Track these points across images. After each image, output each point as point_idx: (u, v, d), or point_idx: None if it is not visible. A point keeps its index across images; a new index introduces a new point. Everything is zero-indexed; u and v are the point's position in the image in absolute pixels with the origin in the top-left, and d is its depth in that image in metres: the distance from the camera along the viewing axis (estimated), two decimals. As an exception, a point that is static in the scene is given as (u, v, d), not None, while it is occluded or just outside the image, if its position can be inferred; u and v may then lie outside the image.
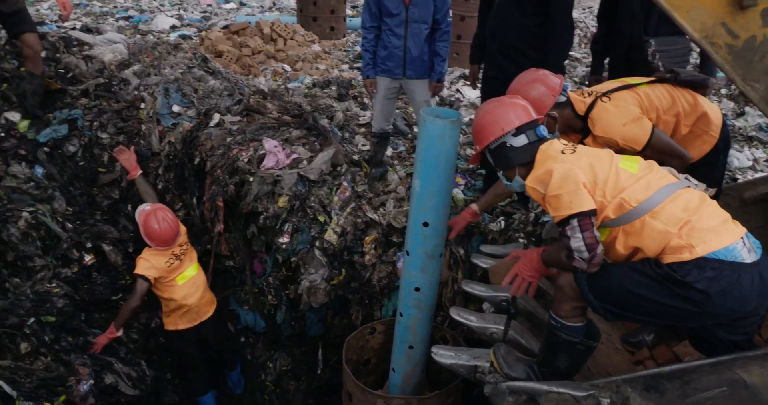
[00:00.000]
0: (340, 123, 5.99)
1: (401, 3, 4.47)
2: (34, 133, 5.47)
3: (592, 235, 2.36)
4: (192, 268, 4.97)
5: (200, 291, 4.99)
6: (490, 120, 2.68)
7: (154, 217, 4.64)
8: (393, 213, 4.66)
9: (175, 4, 17.87)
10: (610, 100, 3.07)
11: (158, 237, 4.64)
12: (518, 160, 2.64)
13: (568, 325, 2.57)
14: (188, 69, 6.45)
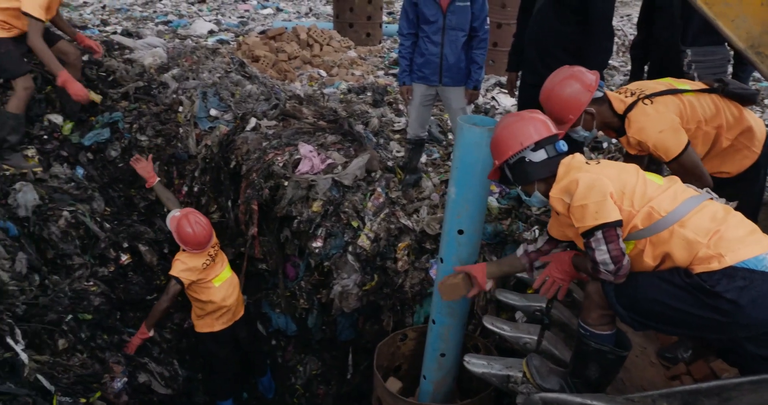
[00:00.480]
0: (375, 129, 6.01)
1: (439, 10, 4.48)
2: (78, 136, 5.59)
3: (617, 247, 2.32)
4: (227, 270, 5.01)
5: (236, 291, 5.04)
6: (509, 134, 2.65)
7: (187, 222, 4.66)
8: (426, 220, 4.65)
9: (213, 10, 18.14)
10: (652, 103, 3.00)
11: (193, 240, 4.66)
12: (537, 174, 2.60)
13: (597, 334, 2.54)
14: (226, 73, 6.54)
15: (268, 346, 5.86)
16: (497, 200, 4.92)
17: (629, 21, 15.45)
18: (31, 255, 4.48)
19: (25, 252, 4.40)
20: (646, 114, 2.95)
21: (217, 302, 4.85)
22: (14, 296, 3.87)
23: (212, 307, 4.88)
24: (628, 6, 19.67)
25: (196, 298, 4.90)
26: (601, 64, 4.05)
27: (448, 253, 3.37)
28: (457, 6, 4.46)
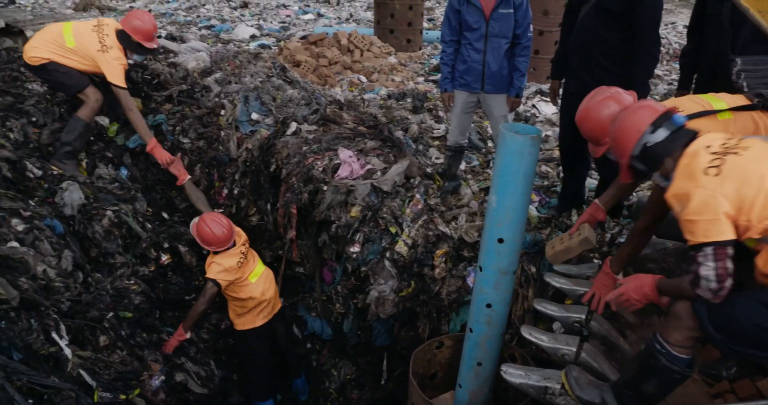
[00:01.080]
0: (415, 135, 6.01)
1: (482, 17, 4.46)
2: (123, 138, 5.71)
3: (724, 266, 2.23)
4: (260, 265, 5.11)
5: (273, 285, 5.16)
6: (621, 126, 2.57)
7: (204, 223, 4.77)
8: (465, 227, 4.63)
9: (255, 15, 18.37)
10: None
11: (214, 239, 4.76)
12: (667, 151, 2.46)
13: (674, 354, 2.48)
14: (267, 78, 6.61)
15: (303, 349, 5.90)
16: (537, 209, 4.88)
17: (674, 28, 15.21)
18: (76, 253, 4.58)
19: (70, 250, 4.49)
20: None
21: (257, 297, 4.95)
22: (59, 293, 3.96)
23: (252, 303, 4.97)
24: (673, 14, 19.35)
25: (235, 298, 4.97)
26: (647, 73, 3.99)
27: (488, 261, 3.36)
28: (501, 13, 4.44)
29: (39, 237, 4.28)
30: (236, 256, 4.85)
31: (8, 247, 3.84)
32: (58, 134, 5.30)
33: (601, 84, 4.01)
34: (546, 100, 7.91)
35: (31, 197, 4.68)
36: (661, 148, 2.47)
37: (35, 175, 4.89)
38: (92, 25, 5.21)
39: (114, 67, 5.10)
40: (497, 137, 4.83)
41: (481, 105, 4.85)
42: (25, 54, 5.13)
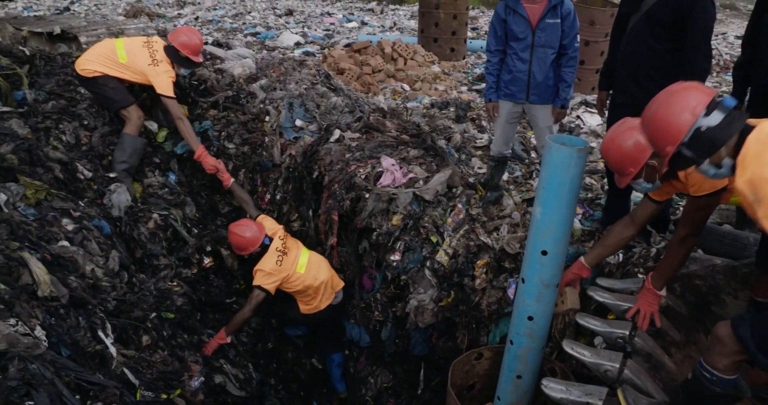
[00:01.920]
0: (457, 144, 6.00)
1: (528, 27, 4.44)
2: (171, 145, 5.84)
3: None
4: (304, 252, 5.29)
5: (324, 265, 5.34)
6: (672, 111, 2.37)
7: (233, 232, 5.15)
8: (507, 238, 4.59)
9: (300, 22, 18.60)
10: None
11: (246, 241, 5.09)
12: (724, 137, 2.27)
13: (725, 379, 2.43)
14: (312, 85, 6.67)
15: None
16: (580, 222, 4.81)
17: (724, 39, 14.91)
18: (122, 253, 4.68)
19: (117, 250, 4.59)
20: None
21: (313, 284, 5.17)
22: (106, 292, 4.04)
23: (312, 290, 5.20)
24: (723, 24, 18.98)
25: (296, 292, 5.22)
26: None
27: (531, 273, 3.33)
28: (547, 23, 4.41)
29: (87, 237, 4.38)
30: (274, 256, 5.04)
31: (59, 246, 3.94)
32: (107, 137, 5.45)
33: (649, 95, 3.93)
34: (591, 111, 7.83)
35: (81, 198, 4.80)
36: (717, 132, 2.27)
37: (85, 176, 5.02)
38: (142, 41, 5.46)
39: (163, 79, 5.32)
40: (541, 148, 4.80)
41: (525, 115, 4.81)
42: (77, 66, 5.35)
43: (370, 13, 22.74)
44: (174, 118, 5.45)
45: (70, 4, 22.63)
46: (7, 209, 3.94)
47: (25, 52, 6.33)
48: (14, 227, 3.70)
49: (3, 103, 5.43)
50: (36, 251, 3.67)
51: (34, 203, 4.26)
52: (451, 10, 11.42)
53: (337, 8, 24.19)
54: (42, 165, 4.67)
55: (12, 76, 5.78)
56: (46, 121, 5.35)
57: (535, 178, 5.52)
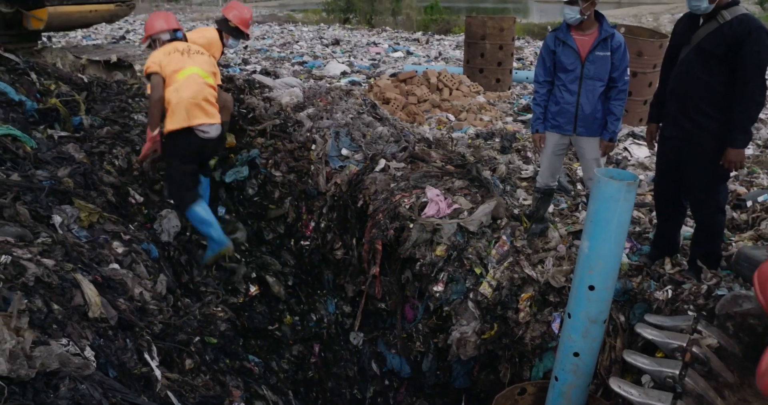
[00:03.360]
0: (503, 175, 5.97)
1: (577, 59, 4.43)
2: (220, 174, 5.96)
3: None
4: (191, 69, 5.16)
5: (202, 91, 5.11)
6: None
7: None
8: (552, 271, 4.53)
9: (346, 52, 18.91)
10: None
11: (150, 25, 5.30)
12: None
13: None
14: (358, 114, 6.75)
15: (380, 386, 5.87)
16: (628, 256, 4.72)
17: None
18: (169, 277, 4.76)
19: (164, 274, 4.68)
20: None
21: (171, 101, 5.03)
22: (153, 315, 4.11)
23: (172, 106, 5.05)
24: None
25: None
26: (750, 118, 3.83)
27: (577, 308, 3.28)
28: (597, 55, 4.40)
29: (136, 260, 4.47)
30: (169, 48, 5.18)
31: (110, 269, 4.03)
32: (158, 163, 5.59)
33: (700, 129, 3.90)
34: (638, 143, 7.73)
35: (131, 222, 4.92)
36: None
37: (137, 200, 5.15)
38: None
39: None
40: (588, 180, 4.75)
41: (572, 147, 4.78)
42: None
43: (415, 42, 22.99)
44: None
45: (126, 33, 23.48)
46: (61, 231, 4.05)
47: (83, 80, 6.59)
48: (68, 249, 3.80)
49: (61, 128, 5.64)
50: (88, 273, 3.75)
51: (87, 226, 4.37)
52: (497, 41, 11.47)
53: (383, 38, 24.54)
54: (96, 188, 4.81)
55: (71, 102, 6.01)
56: (101, 146, 5.53)
57: (581, 211, 5.45)
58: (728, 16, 3.76)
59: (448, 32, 30.18)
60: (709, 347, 3.35)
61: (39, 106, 5.69)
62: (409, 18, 38.36)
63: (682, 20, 4.15)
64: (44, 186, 4.25)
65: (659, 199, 4.45)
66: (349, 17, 40.15)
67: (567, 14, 4.36)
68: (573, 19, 4.35)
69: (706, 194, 4.03)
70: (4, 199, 3.87)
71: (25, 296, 3.05)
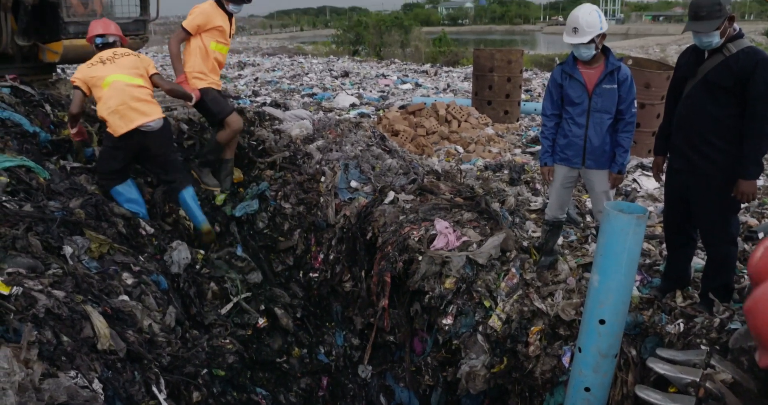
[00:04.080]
0: (511, 207, 5.98)
1: (584, 92, 4.46)
2: (230, 208, 5.99)
3: None
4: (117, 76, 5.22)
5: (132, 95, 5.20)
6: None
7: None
8: (562, 304, 4.50)
9: (356, 84, 19.11)
10: None
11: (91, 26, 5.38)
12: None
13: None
14: (367, 147, 6.80)
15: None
16: (638, 289, 4.69)
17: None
18: (177, 309, 4.76)
19: (173, 306, 4.68)
20: None
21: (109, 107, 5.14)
22: (161, 347, 4.10)
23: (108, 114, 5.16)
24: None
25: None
26: (761, 151, 3.83)
27: (587, 342, 3.25)
28: (604, 88, 4.43)
29: (145, 291, 4.48)
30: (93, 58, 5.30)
31: (119, 300, 4.04)
32: (169, 195, 5.64)
33: (709, 161, 3.90)
34: (647, 174, 7.73)
35: (141, 253, 4.94)
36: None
37: (147, 232, 5.18)
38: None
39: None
40: (598, 213, 4.74)
41: (581, 179, 4.79)
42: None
43: (424, 74, 23.23)
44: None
45: (138, 65, 23.78)
46: (72, 262, 4.08)
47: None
48: (79, 280, 3.82)
49: (74, 158, 5.71)
50: (98, 304, 3.76)
51: (97, 256, 4.40)
52: (505, 73, 11.58)
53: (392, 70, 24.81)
54: (107, 219, 4.85)
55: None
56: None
57: (591, 243, 5.44)
58: (734, 48, 3.80)
59: (456, 64, 30.51)
60: (723, 382, 3.30)
61: (52, 137, 5.77)
62: (417, 50, 38.81)
63: (687, 53, 4.18)
64: (56, 217, 4.29)
65: (669, 231, 4.44)
66: (358, 49, 40.67)
67: (583, 53, 4.37)
68: (588, 56, 4.38)
69: (718, 226, 4.02)
70: (16, 230, 3.91)
71: (35, 328, 3.06)
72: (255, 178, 6.34)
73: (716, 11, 3.71)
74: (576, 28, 4.27)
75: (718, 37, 3.78)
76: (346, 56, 35.84)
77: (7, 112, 5.59)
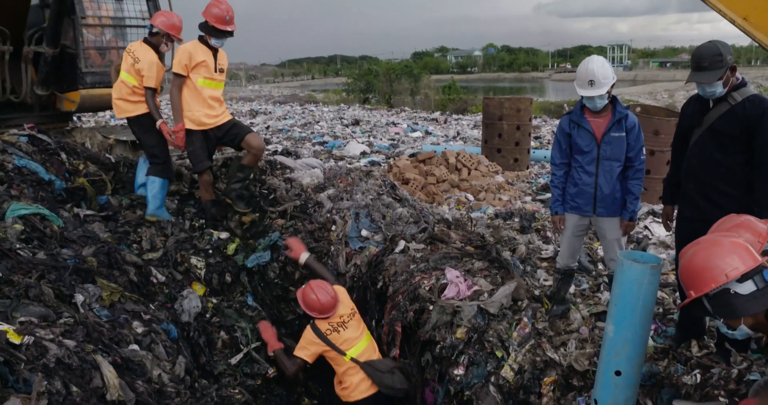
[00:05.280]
0: (522, 256, 5.96)
1: (593, 141, 4.50)
2: (242, 258, 6.00)
3: None
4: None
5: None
6: (710, 264, 2.44)
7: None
8: (575, 354, 4.44)
9: (366, 132, 19.30)
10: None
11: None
12: (746, 310, 2.37)
13: None
14: (378, 195, 6.84)
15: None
16: (653, 338, 4.63)
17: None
18: (187, 359, 4.73)
19: (183, 355, 4.65)
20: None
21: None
22: (170, 398, 4.05)
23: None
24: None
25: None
26: None
27: (604, 395, 3.20)
28: (612, 137, 4.46)
29: (155, 340, 4.46)
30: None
31: (129, 350, 4.02)
32: (182, 244, 5.68)
33: (719, 208, 3.89)
34: (659, 221, 7.70)
35: (152, 301, 4.94)
36: (743, 302, 2.37)
37: (158, 280, 5.19)
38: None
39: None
40: (610, 261, 4.72)
41: (592, 227, 4.78)
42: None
43: (434, 122, 23.47)
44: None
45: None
46: (83, 310, 4.08)
47: (111, 159, 6.78)
48: (90, 329, 3.81)
49: (88, 206, 5.77)
50: (108, 354, 3.75)
51: (108, 304, 4.40)
52: (514, 121, 11.70)
53: (402, 118, 25.11)
54: (119, 268, 4.86)
55: (98, 181, 6.17)
56: (125, 226, 5.63)
57: (603, 291, 5.39)
58: (739, 97, 3.85)
59: (465, 111, 30.82)
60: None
61: (67, 185, 5.85)
62: (427, 98, 39.29)
63: (691, 102, 4.23)
64: (69, 265, 4.31)
65: None
66: (368, 97, 41.22)
67: (597, 103, 4.41)
68: (601, 105, 4.43)
69: None
70: (29, 279, 3.93)
71: (45, 378, 3.05)
72: (266, 227, 6.36)
73: (717, 62, 3.77)
74: (593, 80, 4.32)
75: (721, 87, 3.83)
76: (356, 104, 36.34)
77: (24, 160, 5.69)
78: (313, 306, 4.91)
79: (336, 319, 4.97)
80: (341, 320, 4.99)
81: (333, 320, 4.95)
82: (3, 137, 6.04)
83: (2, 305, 3.55)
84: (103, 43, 8.20)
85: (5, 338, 3.12)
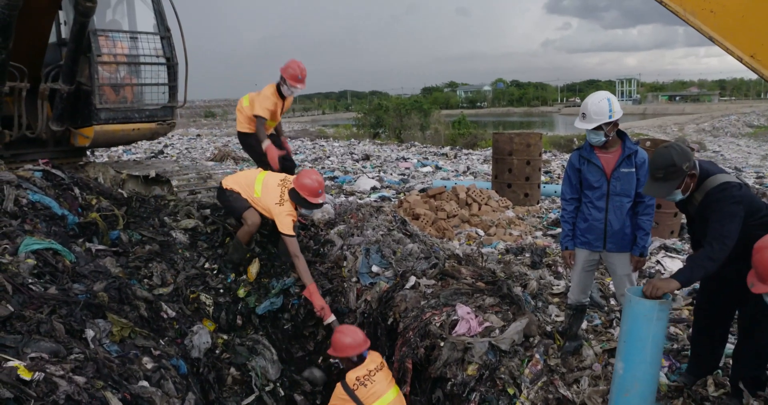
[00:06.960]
0: (534, 291, 5.93)
1: (603, 176, 4.51)
2: (253, 300, 6.00)
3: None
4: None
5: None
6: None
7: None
8: (588, 392, 4.38)
9: (376, 166, 19.37)
10: None
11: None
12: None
13: None
14: (388, 231, 6.84)
15: None
16: (666, 376, 4.56)
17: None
18: (197, 395, 4.71)
19: (192, 392, 4.63)
20: None
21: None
22: (179, 436, 4.04)
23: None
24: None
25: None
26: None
27: (616, 434, 3.15)
28: (622, 172, 4.48)
29: (165, 376, 4.44)
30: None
31: (139, 386, 4.00)
32: (193, 280, 5.70)
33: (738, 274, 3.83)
34: (670, 256, 7.67)
35: (162, 336, 4.93)
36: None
37: (168, 315, 5.19)
38: (279, 179, 6.00)
39: (284, 219, 5.76)
40: (621, 296, 4.69)
41: (603, 262, 4.76)
42: (224, 182, 6.22)
43: (444, 157, 23.55)
44: (291, 255, 5.77)
45: (164, 148, 24.51)
46: (93, 345, 4.08)
47: (123, 194, 6.85)
48: (100, 365, 3.81)
49: (99, 241, 5.82)
50: (117, 390, 3.74)
51: (118, 340, 4.40)
52: (524, 156, 11.74)
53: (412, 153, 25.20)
54: (129, 303, 4.88)
55: (110, 216, 6.22)
56: (136, 261, 5.66)
57: (616, 327, 5.34)
58: (699, 197, 3.83)
59: (475, 146, 30.92)
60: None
61: (80, 220, 5.91)
62: (437, 132, 39.46)
63: None
64: (80, 300, 4.33)
65: (701, 316, 4.29)
66: (378, 132, 41.45)
67: (592, 138, 4.48)
68: (598, 142, 4.47)
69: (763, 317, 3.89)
70: (41, 314, 3.95)
71: (54, 415, 3.05)
72: (280, 272, 6.35)
73: (671, 174, 3.74)
74: (584, 114, 4.39)
75: (680, 194, 3.83)
76: (366, 139, 36.53)
77: (38, 195, 5.76)
78: (340, 346, 4.88)
79: (363, 371, 4.89)
80: (368, 373, 4.94)
81: (360, 373, 4.85)
82: (18, 172, 6.12)
83: (14, 341, 3.56)
84: (118, 80, 8.35)
85: (16, 374, 3.13)
